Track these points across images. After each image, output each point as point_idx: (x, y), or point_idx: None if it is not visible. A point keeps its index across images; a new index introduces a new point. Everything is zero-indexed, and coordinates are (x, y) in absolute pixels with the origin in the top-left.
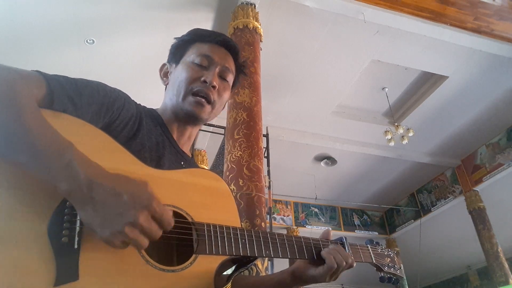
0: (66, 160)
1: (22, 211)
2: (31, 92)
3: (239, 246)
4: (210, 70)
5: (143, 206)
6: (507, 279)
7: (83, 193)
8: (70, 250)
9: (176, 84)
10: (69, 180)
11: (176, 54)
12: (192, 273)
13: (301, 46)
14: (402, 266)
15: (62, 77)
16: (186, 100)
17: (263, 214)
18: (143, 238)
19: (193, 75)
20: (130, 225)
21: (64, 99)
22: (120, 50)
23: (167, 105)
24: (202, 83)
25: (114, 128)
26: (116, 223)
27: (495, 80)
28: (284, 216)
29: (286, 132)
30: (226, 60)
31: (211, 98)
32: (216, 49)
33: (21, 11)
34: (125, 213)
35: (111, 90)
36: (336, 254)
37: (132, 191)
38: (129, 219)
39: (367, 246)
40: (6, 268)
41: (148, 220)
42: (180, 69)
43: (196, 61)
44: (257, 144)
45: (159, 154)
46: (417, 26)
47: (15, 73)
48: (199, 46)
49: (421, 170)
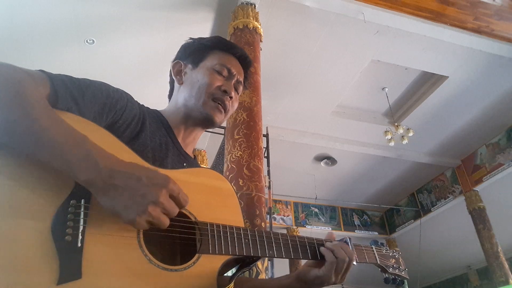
0: (84, 151)
1: (25, 210)
2: (38, 90)
3: (243, 246)
4: (229, 80)
5: (162, 186)
6: (507, 279)
7: (104, 181)
8: (74, 249)
9: (196, 87)
10: (89, 170)
11: (194, 56)
12: (195, 272)
13: (301, 46)
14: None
15: (65, 77)
16: (207, 104)
17: (263, 214)
18: (165, 217)
19: (215, 83)
20: (153, 204)
21: (68, 98)
22: (120, 50)
23: (179, 104)
24: (223, 92)
25: (117, 129)
26: (140, 203)
27: (495, 80)
28: (284, 216)
29: (286, 132)
30: (240, 74)
31: (227, 107)
32: (234, 62)
33: (21, 11)
34: (147, 194)
35: (114, 91)
36: (336, 249)
37: (149, 175)
38: (152, 198)
39: (371, 247)
40: (10, 266)
41: (167, 198)
42: (202, 73)
43: (217, 68)
44: (257, 144)
45: (162, 154)
46: (417, 26)
47: (22, 72)
48: (220, 55)
49: (421, 170)
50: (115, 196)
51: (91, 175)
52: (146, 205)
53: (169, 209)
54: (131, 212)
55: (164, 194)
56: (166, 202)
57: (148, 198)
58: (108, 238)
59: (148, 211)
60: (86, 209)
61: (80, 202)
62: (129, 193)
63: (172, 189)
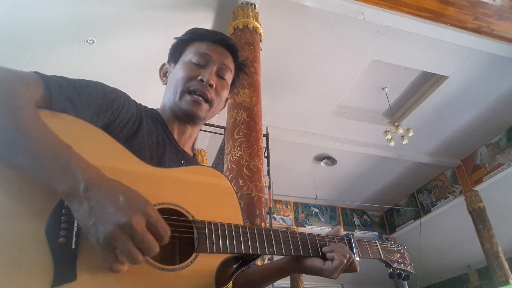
0: (63, 162)
1: (19, 212)
2: (29, 94)
3: (241, 243)
4: (207, 68)
5: (138, 209)
6: (507, 279)
7: (80, 193)
8: (68, 251)
9: (174, 83)
10: (66, 181)
11: (174, 54)
12: (192, 272)
13: (301, 46)
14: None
15: (60, 78)
16: (183, 99)
17: (263, 214)
18: (133, 247)
19: (190, 74)
20: (121, 226)
21: (63, 99)
22: (120, 50)
23: (165, 104)
24: (199, 82)
25: (114, 128)
26: (107, 222)
27: (495, 80)
28: (284, 216)
29: (286, 132)
30: (224, 58)
31: (208, 96)
32: (214, 48)
33: (21, 11)
34: (117, 213)
35: (111, 90)
36: (339, 250)
37: (128, 195)
38: (121, 219)
39: (375, 242)
40: (3, 269)
41: (141, 225)
42: (178, 69)
43: (194, 60)
44: (257, 144)
45: (159, 153)
46: (417, 26)
47: (13, 74)
48: (197, 45)
49: (421, 170)
50: (88, 209)
51: (68, 187)
52: (114, 226)
53: (141, 239)
54: (98, 232)
55: (139, 219)
56: (139, 228)
57: (117, 217)
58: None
59: (114, 233)
60: None
61: None
62: (101, 209)
63: (149, 215)
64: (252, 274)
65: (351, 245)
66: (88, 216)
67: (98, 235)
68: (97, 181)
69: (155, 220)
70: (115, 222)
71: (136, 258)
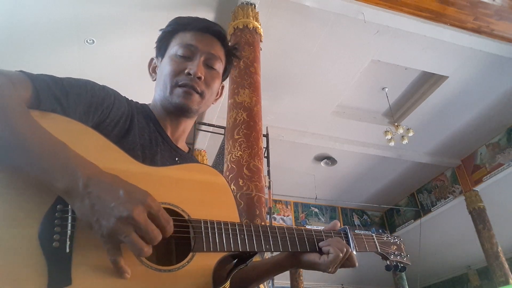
0: (61, 160)
1: (11, 217)
2: (18, 94)
3: (238, 241)
4: (194, 60)
5: (138, 201)
6: (507, 279)
7: (80, 190)
8: (62, 255)
9: (162, 79)
10: (65, 179)
11: (161, 48)
12: (189, 272)
13: (301, 46)
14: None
15: (48, 77)
16: (173, 93)
17: (263, 214)
18: (137, 238)
19: (176, 68)
20: (124, 219)
21: (51, 99)
22: (120, 50)
23: (156, 100)
24: (186, 75)
25: (105, 127)
26: (109, 216)
27: (495, 80)
28: (284, 216)
29: (286, 132)
30: (211, 46)
31: (197, 89)
32: (199, 37)
33: (21, 11)
34: (119, 206)
35: (100, 89)
36: (335, 244)
37: (128, 189)
38: (123, 212)
39: (371, 235)
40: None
41: (143, 216)
42: (165, 63)
43: (179, 52)
44: (257, 144)
45: (152, 151)
46: (417, 26)
47: (1, 75)
48: (182, 36)
49: (421, 170)
50: (89, 205)
51: (68, 184)
52: (116, 219)
53: (145, 229)
54: (102, 226)
55: (140, 210)
56: (141, 220)
57: (118, 211)
58: (98, 241)
59: (117, 226)
60: (73, 213)
61: (67, 207)
62: (103, 203)
63: (151, 206)
64: (249, 271)
65: (348, 239)
66: (91, 213)
67: (102, 230)
68: (96, 176)
69: (156, 210)
70: (117, 216)
71: (141, 248)
